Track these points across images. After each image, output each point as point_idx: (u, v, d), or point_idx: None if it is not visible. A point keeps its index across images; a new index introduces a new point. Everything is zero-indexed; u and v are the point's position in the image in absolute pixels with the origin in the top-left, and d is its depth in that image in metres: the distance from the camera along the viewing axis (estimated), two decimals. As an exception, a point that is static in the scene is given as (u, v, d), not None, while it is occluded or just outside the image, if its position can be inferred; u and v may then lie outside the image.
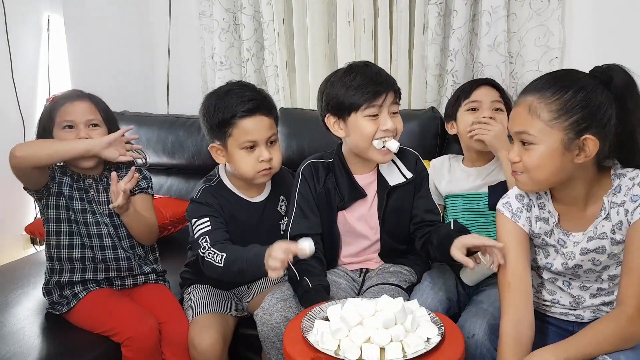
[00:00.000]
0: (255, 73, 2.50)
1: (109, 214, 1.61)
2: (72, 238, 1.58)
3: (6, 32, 2.18)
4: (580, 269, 1.24)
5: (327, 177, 1.55)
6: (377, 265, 1.61)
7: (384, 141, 1.44)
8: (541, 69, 2.02)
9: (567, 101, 1.10)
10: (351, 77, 1.43)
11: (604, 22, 1.94)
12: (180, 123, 2.39)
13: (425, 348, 1.11)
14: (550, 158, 1.13)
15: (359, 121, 1.43)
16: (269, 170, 1.51)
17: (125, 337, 1.45)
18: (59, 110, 1.57)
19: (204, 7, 2.54)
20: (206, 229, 1.47)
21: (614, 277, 1.24)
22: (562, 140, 1.11)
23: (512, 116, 1.19)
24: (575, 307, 1.29)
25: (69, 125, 1.56)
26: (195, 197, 1.55)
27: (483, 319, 1.33)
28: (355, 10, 2.24)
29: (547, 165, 1.14)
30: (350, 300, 1.24)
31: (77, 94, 1.62)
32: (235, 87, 1.52)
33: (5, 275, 1.92)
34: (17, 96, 2.23)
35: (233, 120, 1.46)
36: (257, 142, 1.48)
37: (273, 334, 1.36)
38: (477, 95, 1.64)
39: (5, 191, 2.17)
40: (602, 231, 1.19)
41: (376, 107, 1.42)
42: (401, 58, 2.21)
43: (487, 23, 2.02)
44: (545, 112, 1.11)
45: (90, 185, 1.61)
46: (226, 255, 1.39)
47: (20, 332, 1.52)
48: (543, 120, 1.11)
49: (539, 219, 1.26)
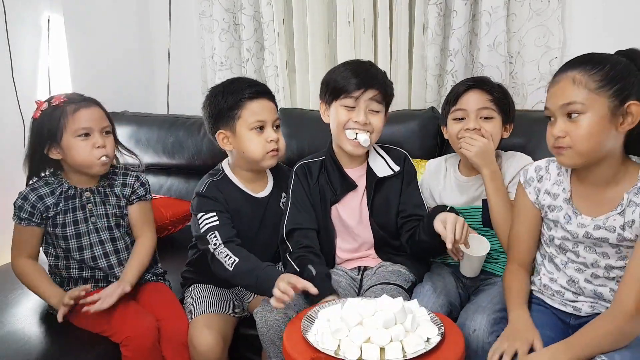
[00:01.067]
0: (255, 73, 2.50)
1: (107, 227, 1.60)
2: (68, 255, 1.58)
3: (6, 32, 2.18)
4: (580, 245, 1.27)
5: (320, 173, 1.63)
6: (375, 263, 1.62)
7: (356, 133, 1.52)
8: (541, 69, 2.02)
9: (609, 71, 1.15)
10: (342, 68, 1.55)
11: (604, 22, 1.94)
12: (180, 123, 2.39)
13: (425, 348, 1.12)
14: (598, 126, 1.15)
15: (337, 109, 1.54)
16: (277, 152, 1.57)
17: (123, 337, 1.45)
18: (71, 116, 1.50)
19: (204, 7, 2.54)
20: (214, 223, 1.51)
21: (610, 268, 1.25)
22: (608, 107, 1.15)
23: (554, 92, 1.20)
24: (571, 286, 1.31)
25: (86, 133, 1.51)
26: (201, 190, 1.57)
27: (483, 314, 1.34)
28: (355, 10, 2.24)
29: (596, 135, 1.16)
30: (350, 300, 1.24)
31: (85, 99, 1.56)
32: (240, 78, 1.63)
33: (5, 275, 1.91)
34: (17, 96, 2.22)
35: (242, 102, 1.53)
36: (265, 123, 1.54)
37: (272, 332, 1.37)
38: (463, 103, 1.55)
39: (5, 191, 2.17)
40: (612, 224, 1.21)
41: (352, 99, 1.51)
42: (401, 58, 2.21)
43: (487, 23, 2.02)
44: (591, 81, 1.15)
45: (88, 199, 1.59)
46: (238, 261, 1.44)
47: (20, 332, 1.52)
48: (589, 89, 1.15)
49: (548, 192, 1.31)
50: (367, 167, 1.61)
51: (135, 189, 1.64)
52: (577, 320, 1.31)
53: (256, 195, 1.62)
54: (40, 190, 1.55)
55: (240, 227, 1.56)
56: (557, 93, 1.20)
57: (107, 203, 1.61)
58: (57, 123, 1.50)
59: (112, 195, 1.62)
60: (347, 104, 1.52)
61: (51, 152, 1.53)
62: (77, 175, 1.58)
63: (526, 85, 2.07)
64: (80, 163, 1.53)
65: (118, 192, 1.62)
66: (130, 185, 1.64)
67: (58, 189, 1.56)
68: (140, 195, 1.65)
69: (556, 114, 1.20)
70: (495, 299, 1.42)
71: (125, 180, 1.64)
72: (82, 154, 1.52)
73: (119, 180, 1.64)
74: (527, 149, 1.71)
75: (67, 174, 1.59)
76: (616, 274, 1.25)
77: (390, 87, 1.58)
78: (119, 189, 1.63)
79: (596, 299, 1.29)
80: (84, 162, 1.53)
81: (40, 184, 1.56)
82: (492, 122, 1.55)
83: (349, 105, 1.52)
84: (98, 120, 1.54)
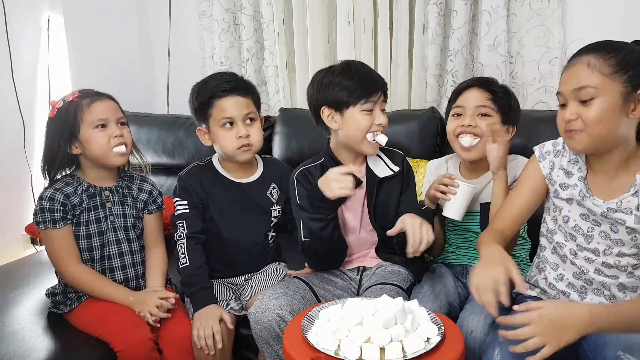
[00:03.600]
0: (255, 73, 2.51)
1: (124, 228, 1.60)
2: (88, 254, 1.56)
3: (6, 32, 2.18)
4: (596, 230, 1.26)
5: (321, 175, 1.58)
6: (374, 263, 1.62)
7: (374, 135, 1.52)
8: (541, 69, 2.03)
9: (624, 57, 1.15)
10: (351, 73, 1.51)
11: (604, 22, 1.94)
12: (180, 123, 2.39)
13: (425, 348, 1.11)
14: (611, 111, 1.15)
15: (356, 115, 1.50)
16: (249, 147, 1.61)
17: (118, 349, 1.44)
18: (86, 108, 1.51)
19: (204, 7, 2.55)
20: (184, 211, 1.63)
21: (622, 255, 1.24)
22: (621, 93, 1.15)
23: (568, 76, 1.20)
24: (578, 279, 1.29)
25: (102, 124, 1.52)
26: (182, 174, 1.67)
27: (480, 315, 1.34)
28: (355, 10, 2.25)
29: (608, 119, 1.16)
30: (350, 300, 1.24)
31: (98, 92, 1.57)
32: (217, 74, 1.69)
33: (5, 275, 1.91)
34: (17, 96, 2.23)
35: (212, 101, 1.58)
36: (234, 119, 1.59)
37: (265, 332, 1.38)
38: (461, 100, 1.57)
39: (6, 191, 2.18)
40: (628, 206, 1.21)
41: (372, 102, 1.50)
42: (401, 58, 2.21)
43: (487, 23, 2.02)
44: (605, 66, 1.15)
45: (107, 198, 1.58)
46: (188, 266, 1.58)
47: (20, 332, 1.52)
48: (603, 73, 1.15)
49: (563, 169, 1.31)
50: (366, 168, 1.61)
51: (155, 198, 1.65)
52: None
53: (237, 181, 1.66)
54: (65, 189, 1.53)
55: (219, 209, 1.65)
56: (570, 77, 1.19)
57: (125, 203, 1.61)
58: (74, 117, 1.50)
59: (129, 196, 1.62)
60: (367, 108, 1.50)
61: (72, 148, 1.53)
62: (96, 171, 1.57)
63: (526, 85, 2.07)
64: (98, 154, 1.53)
65: (135, 195, 1.63)
66: (147, 192, 1.65)
67: (79, 188, 1.55)
68: (159, 206, 1.67)
69: (568, 99, 1.19)
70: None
71: (142, 187, 1.65)
72: (100, 143, 1.52)
73: (136, 185, 1.64)
74: (527, 149, 1.70)
75: (86, 172, 1.58)
76: (627, 262, 1.24)
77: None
78: (135, 192, 1.63)
79: (602, 298, 1.27)
80: (102, 153, 1.52)
81: (61, 185, 1.54)
82: (488, 119, 1.54)
83: (368, 109, 1.50)
84: (113, 111, 1.55)
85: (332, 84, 1.51)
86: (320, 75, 1.56)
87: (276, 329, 1.37)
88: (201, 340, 1.47)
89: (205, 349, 1.47)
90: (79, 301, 1.55)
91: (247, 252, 1.69)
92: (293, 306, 1.40)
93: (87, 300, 1.55)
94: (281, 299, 1.41)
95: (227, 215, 1.66)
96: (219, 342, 1.48)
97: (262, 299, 1.42)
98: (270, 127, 2.26)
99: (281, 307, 1.39)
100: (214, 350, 1.48)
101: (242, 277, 1.71)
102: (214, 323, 1.49)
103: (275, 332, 1.37)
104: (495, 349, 1.20)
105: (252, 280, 1.69)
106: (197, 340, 1.47)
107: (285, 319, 1.37)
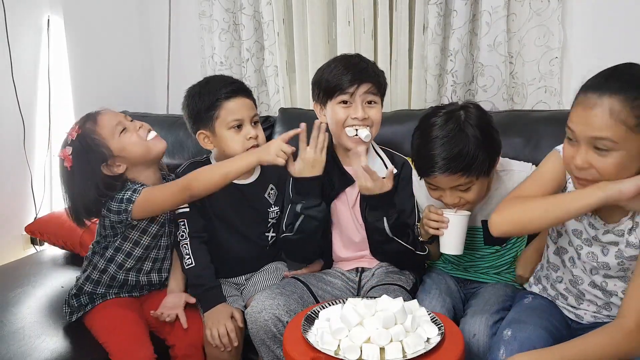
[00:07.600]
0: (255, 73, 2.50)
1: (167, 234, 1.62)
2: (126, 259, 1.56)
3: (6, 32, 2.18)
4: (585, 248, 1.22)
5: None
6: (373, 264, 1.62)
7: (355, 129, 1.50)
8: (541, 69, 2.02)
9: None
10: (332, 66, 1.53)
11: (604, 22, 1.94)
12: (180, 123, 2.36)
13: (425, 348, 1.12)
14: (630, 163, 1.05)
15: (334, 107, 1.52)
16: (257, 148, 1.59)
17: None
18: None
19: (204, 7, 2.54)
20: (184, 210, 1.61)
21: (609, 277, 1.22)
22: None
23: (585, 117, 1.05)
24: (574, 285, 1.29)
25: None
26: (180, 171, 1.66)
27: (481, 318, 1.34)
28: (355, 10, 2.24)
29: (625, 169, 1.05)
30: (350, 300, 1.24)
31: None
32: (215, 77, 1.71)
33: (5, 275, 1.92)
34: (17, 96, 2.22)
35: (218, 103, 1.57)
36: (243, 121, 1.59)
37: (262, 332, 1.38)
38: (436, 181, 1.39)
39: (6, 191, 2.18)
40: (621, 229, 1.17)
41: (348, 94, 1.49)
42: (401, 58, 2.21)
43: (487, 23, 2.02)
44: (631, 117, 1.01)
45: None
46: (194, 267, 1.56)
47: (20, 332, 1.52)
48: (627, 126, 1.01)
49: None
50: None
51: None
52: (579, 325, 1.30)
53: (236, 182, 1.64)
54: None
55: (217, 211, 1.64)
56: (587, 120, 1.04)
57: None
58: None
59: None
60: (342, 99, 1.50)
61: (110, 168, 1.48)
62: (144, 174, 1.55)
63: (526, 85, 2.07)
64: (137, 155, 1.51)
65: None
66: None
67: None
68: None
69: (581, 141, 1.07)
70: (491, 300, 1.42)
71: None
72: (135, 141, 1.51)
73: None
74: (527, 149, 1.71)
75: (137, 179, 1.54)
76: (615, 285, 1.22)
77: (382, 77, 1.58)
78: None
79: (599, 309, 1.27)
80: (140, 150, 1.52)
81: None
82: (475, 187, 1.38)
83: (343, 100, 1.50)
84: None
85: (317, 77, 1.57)
86: (318, 70, 1.60)
87: (273, 329, 1.37)
88: (215, 339, 1.45)
89: (221, 346, 1.46)
90: (92, 304, 1.55)
91: (245, 252, 1.69)
92: (290, 306, 1.40)
93: (97, 307, 1.55)
94: (278, 299, 1.41)
95: (225, 218, 1.66)
96: (234, 340, 1.47)
97: (258, 299, 1.42)
98: (270, 127, 2.26)
99: (278, 307, 1.39)
100: (230, 347, 1.46)
101: (242, 276, 1.71)
102: (226, 321, 1.47)
103: (272, 332, 1.37)
104: (501, 348, 1.20)
105: (252, 280, 1.69)
106: (212, 339, 1.46)
107: (282, 319, 1.37)
